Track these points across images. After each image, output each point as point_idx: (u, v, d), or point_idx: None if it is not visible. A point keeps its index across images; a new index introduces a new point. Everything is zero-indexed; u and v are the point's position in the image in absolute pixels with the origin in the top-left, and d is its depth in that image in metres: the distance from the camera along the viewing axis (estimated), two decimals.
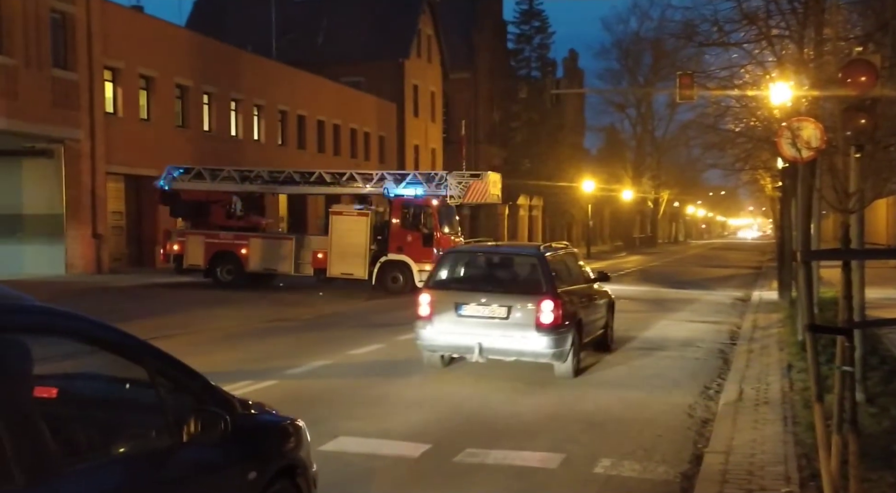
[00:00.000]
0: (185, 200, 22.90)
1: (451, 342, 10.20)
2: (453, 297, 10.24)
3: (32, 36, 23.31)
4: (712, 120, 25.01)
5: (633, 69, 68.97)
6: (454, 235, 22.10)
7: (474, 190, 21.49)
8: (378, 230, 21.33)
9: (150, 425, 3.33)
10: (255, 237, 22.34)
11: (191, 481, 3.40)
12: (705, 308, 19.65)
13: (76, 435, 3.09)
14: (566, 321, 9.96)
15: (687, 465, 6.56)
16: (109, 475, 2.98)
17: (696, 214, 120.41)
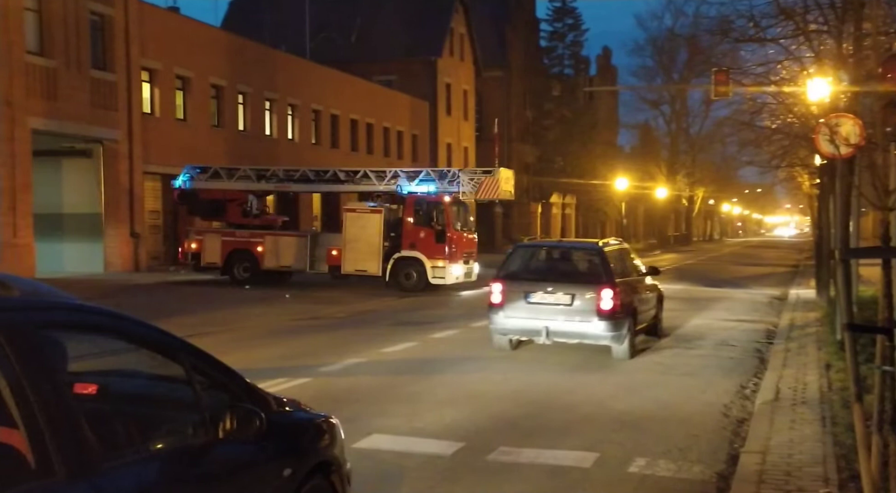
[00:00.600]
0: (202, 199, 23.16)
1: (520, 326, 11.54)
2: (522, 286, 11.54)
3: (72, 38, 23.72)
4: (748, 117, 24.71)
5: (667, 66, 68.35)
6: (467, 232, 22.10)
7: (486, 186, 21.52)
8: (391, 227, 21.41)
9: (186, 421, 3.37)
10: (270, 235, 22.55)
11: (227, 477, 3.43)
12: (741, 307, 19.44)
13: (115, 431, 3.14)
14: (623, 309, 11.21)
15: (723, 465, 6.50)
16: (147, 471, 3.03)
17: (731, 212, 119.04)
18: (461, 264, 21.57)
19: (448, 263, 20.92)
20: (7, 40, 21.50)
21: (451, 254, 20.99)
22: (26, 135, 22.27)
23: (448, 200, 21.07)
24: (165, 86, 28.44)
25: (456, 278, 21.33)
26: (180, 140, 28.51)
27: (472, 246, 22.39)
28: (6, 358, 2.61)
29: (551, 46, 64.13)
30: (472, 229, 22.59)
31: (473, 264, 22.40)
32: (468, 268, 22.04)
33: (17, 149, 21.91)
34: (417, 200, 21.22)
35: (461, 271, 21.58)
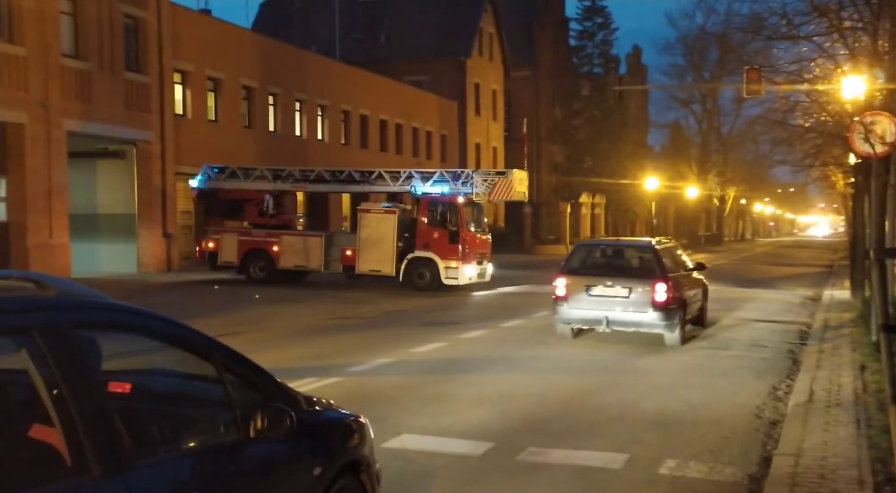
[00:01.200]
0: (220, 199, 23.36)
1: (583, 316, 12.84)
2: (584, 281, 12.87)
3: (106, 41, 24.05)
4: (781, 115, 24.43)
5: (698, 64, 67.72)
6: (481, 233, 22.10)
7: (499, 187, 21.57)
8: (405, 227, 21.50)
9: (218, 420, 3.42)
10: (285, 235, 22.69)
11: (258, 475, 3.44)
12: (773, 307, 19.22)
13: (148, 430, 3.19)
14: (674, 300, 12.45)
15: (755, 467, 6.43)
16: (179, 469, 3.07)
17: (763, 211, 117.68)
18: (474, 265, 21.65)
19: (461, 263, 21.01)
20: (43, 44, 21.86)
21: (464, 255, 21.08)
22: (62, 137, 22.63)
23: (461, 201, 21.16)
24: (197, 87, 28.74)
25: (469, 278, 21.43)
26: (211, 141, 28.79)
27: (485, 247, 22.44)
28: (43, 357, 2.66)
29: (580, 45, 63.84)
30: (485, 230, 22.63)
31: (487, 264, 22.47)
32: (481, 269, 22.12)
33: (52, 150, 22.27)
34: (431, 201, 21.33)
35: (474, 272, 21.67)
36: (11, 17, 21.18)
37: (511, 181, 21.65)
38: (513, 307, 18.31)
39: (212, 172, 23.39)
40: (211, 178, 23.24)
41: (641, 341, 13.21)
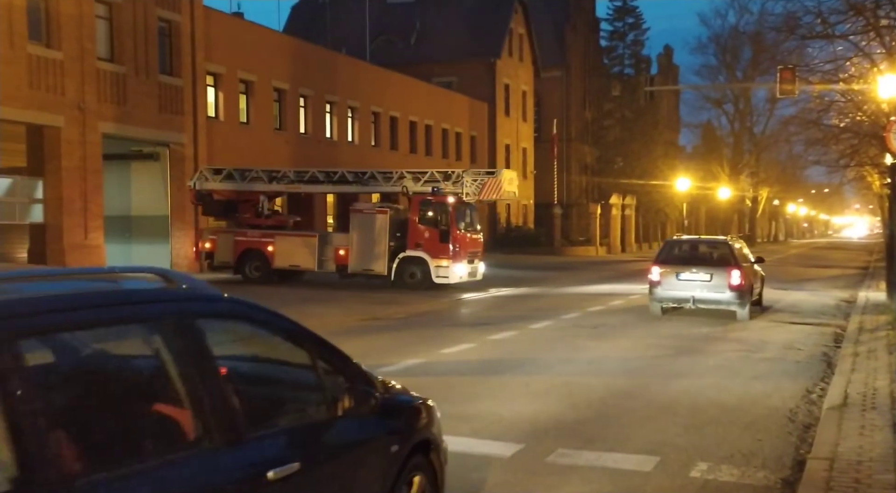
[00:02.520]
0: (216, 200, 23.56)
1: (674, 296, 16.34)
2: (674, 268, 16.30)
3: (141, 45, 24.39)
4: (815, 115, 24.14)
5: (730, 64, 67.12)
6: (472, 232, 22.12)
7: (489, 187, 21.74)
8: (397, 227, 21.62)
9: (311, 400, 3.82)
10: (280, 235, 22.88)
11: (345, 451, 3.84)
12: (807, 309, 18.98)
13: (254, 408, 3.55)
14: (745, 284, 15.92)
15: (788, 471, 6.36)
16: (281, 443, 3.46)
17: (797, 212, 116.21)
18: (465, 264, 21.78)
19: (452, 262, 21.15)
20: (80, 48, 22.23)
21: (454, 254, 21.23)
22: (97, 139, 22.98)
23: (452, 200, 21.28)
24: (229, 90, 29.03)
25: (460, 277, 21.60)
26: (243, 143, 29.06)
27: (476, 246, 22.53)
28: (173, 342, 3.10)
29: (611, 46, 63.53)
30: (477, 230, 22.70)
31: (479, 263, 22.61)
32: (473, 267, 22.25)
33: (88, 153, 22.63)
34: (423, 201, 21.50)
35: (465, 271, 21.80)
36: (49, 22, 21.57)
37: (500, 181, 21.85)
38: (543, 309, 18.28)
39: (209, 174, 23.60)
40: (208, 179, 23.44)
41: (674, 345, 13.13)
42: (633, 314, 17.13)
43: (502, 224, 50.16)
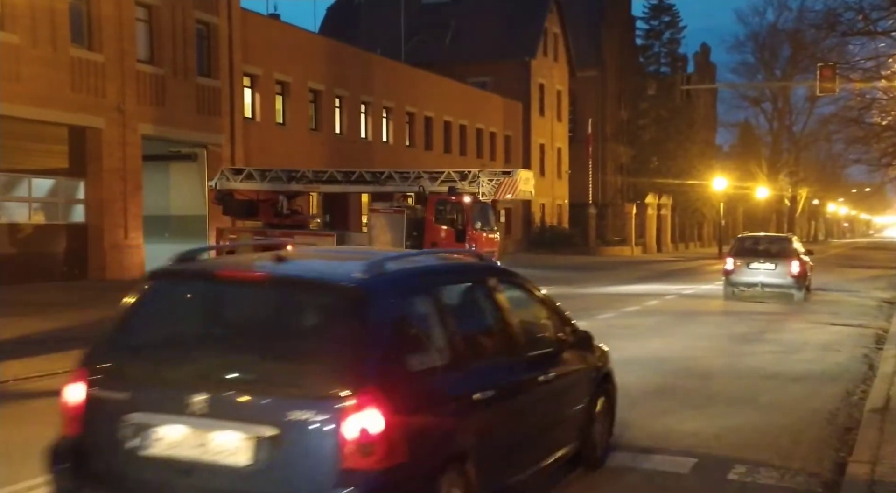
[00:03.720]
0: (237, 200, 23.75)
1: (745, 281, 20.17)
2: (746, 259, 20.29)
3: (179, 47, 24.72)
4: (856, 113, 23.74)
5: (769, 62, 66.19)
6: (488, 232, 22.09)
7: (505, 186, 21.74)
8: (414, 226, 21.64)
9: (552, 337, 5.83)
10: (299, 235, 22.97)
11: (572, 369, 5.93)
12: (848, 310, 18.67)
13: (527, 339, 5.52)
14: (803, 272, 19.93)
15: (828, 474, 6.28)
16: (541, 360, 5.56)
17: (837, 212, 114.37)
18: None
19: None
20: (120, 50, 22.59)
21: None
22: (137, 140, 23.33)
23: (468, 200, 21.31)
24: (266, 91, 29.30)
25: None
26: (279, 144, 29.31)
27: (492, 245, 22.50)
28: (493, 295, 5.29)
29: (647, 45, 63.02)
30: (493, 229, 22.66)
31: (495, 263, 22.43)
32: None
33: (128, 154, 22.98)
34: (439, 201, 21.55)
35: None
36: (91, 26, 21.94)
37: (516, 181, 21.86)
38: (577, 309, 18.15)
39: (230, 174, 23.80)
40: (229, 179, 23.64)
41: (710, 346, 13.01)
42: (669, 315, 16.99)
43: (537, 224, 50.01)
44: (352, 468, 3.78)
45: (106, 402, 4.16)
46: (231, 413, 3.91)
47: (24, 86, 19.88)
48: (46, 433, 7.00)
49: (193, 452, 3.95)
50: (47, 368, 9.92)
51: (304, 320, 4.37)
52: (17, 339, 12.03)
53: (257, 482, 3.85)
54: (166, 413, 4.00)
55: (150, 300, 4.49)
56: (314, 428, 3.78)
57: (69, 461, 4.20)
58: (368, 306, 4.14)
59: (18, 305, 15.85)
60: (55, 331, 12.89)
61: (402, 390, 4.05)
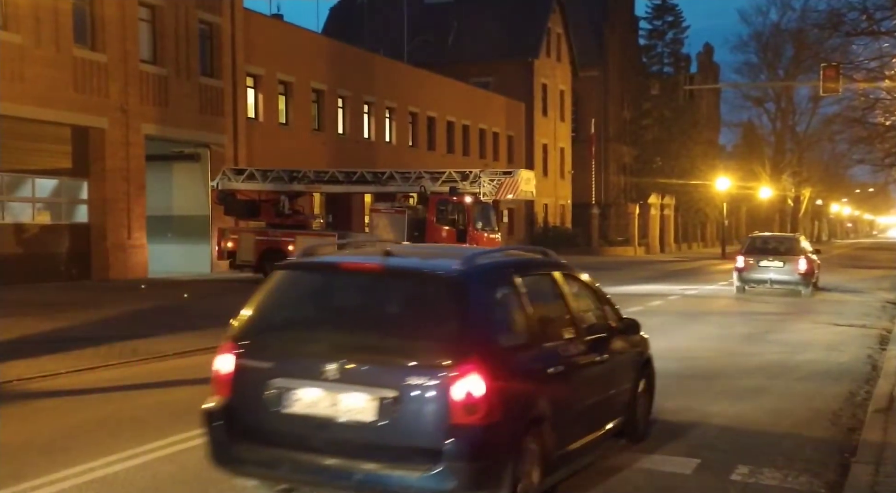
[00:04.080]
0: (239, 200, 23.75)
1: (756, 277, 21.72)
2: (756, 257, 21.74)
3: (182, 47, 24.75)
4: (860, 113, 23.70)
5: (772, 62, 66.00)
6: (490, 232, 22.09)
7: (506, 187, 21.83)
8: (415, 227, 21.67)
9: (606, 322, 6.58)
10: (300, 235, 23.01)
11: (618, 355, 6.61)
12: (851, 311, 18.63)
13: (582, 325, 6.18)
14: (810, 269, 21.39)
15: (832, 475, 6.26)
16: (597, 343, 6.25)
17: (840, 212, 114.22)
18: None
19: None
20: (123, 50, 22.62)
21: None
22: (140, 140, 23.36)
23: (469, 200, 21.34)
24: (269, 91, 29.32)
25: None
26: (282, 144, 29.32)
27: (493, 245, 22.48)
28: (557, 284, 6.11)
29: (650, 45, 62.97)
30: (494, 229, 22.66)
31: None
32: None
33: (131, 154, 23.01)
34: (440, 201, 21.61)
35: None
36: (94, 26, 21.98)
37: (517, 181, 21.93)
38: None
39: (231, 174, 23.81)
40: (231, 179, 23.65)
41: (713, 347, 12.99)
42: (673, 315, 16.96)
43: (540, 224, 49.99)
44: (458, 424, 4.58)
45: (252, 370, 5.02)
46: (358, 379, 4.75)
47: (28, 86, 19.92)
48: (49, 433, 7.03)
49: (327, 410, 4.77)
50: (51, 368, 9.93)
51: (414, 304, 5.19)
52: (20, 339, 12.04)
53: (381, 435, 4.67)
54: (304, 379, 4.85)
55: (282, 287, 5.44)
56: (428, 391, 4.63)
57: (222, 418, 5.02)
58: (468, 292, 5.02)
59: (22, 305, 15.87)
60: (58, 331, 12.90)
61: (497, 361, 4.85)
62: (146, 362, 10.64)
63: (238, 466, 5.07)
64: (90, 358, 10.66)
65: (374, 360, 4.84)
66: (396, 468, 4.63)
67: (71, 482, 5.75)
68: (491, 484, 4.70)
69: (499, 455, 4.74)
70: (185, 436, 6.90)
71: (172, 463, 6.22)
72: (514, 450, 4.84)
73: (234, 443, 4.99)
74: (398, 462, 4.63)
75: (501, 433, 4.72)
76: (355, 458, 4.71)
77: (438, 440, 4.56)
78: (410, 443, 4.64)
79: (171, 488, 5.71)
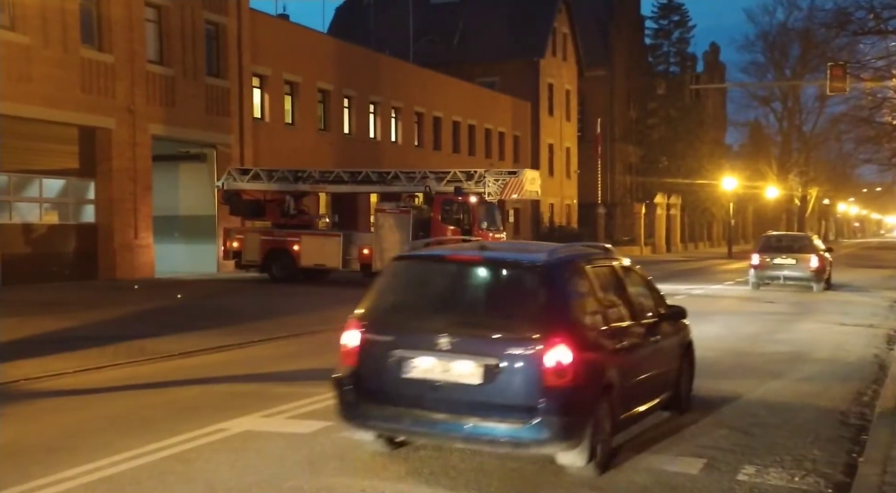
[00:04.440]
0: (244, 200, 23.78)
1: (770, 274, 23.19)
2: (770, 255, 23.30)
3: (189, 47, 24.79)
4: (867, 113, 23.63)
5: (779, 62, 65.78)
6: (495, 232, 22.10)
7: (510, 186, 21.84)
8: (420, 226, 21.68)
9: (654, 310, 7.51)
10: (305, 235, 23.04)
11: (669, 335, 7.65)
12: (858, 311, 18.57)
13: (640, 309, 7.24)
14: (822, 266, 22.88)
15: (840, 475, 6.25)
16: (650, 326, 7.22)
17: (847, 212, 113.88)
18: None
19: None
20: (130, 50, 22.67)
21: None
22: (147, 141, 23.41)
23: (474, 200, 21.34)
24: (275, 91, 29.35)
25: None
26: (288, 144, 29.35)
27: None
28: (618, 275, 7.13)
29: (656, 44, 62.87)
30: (499, 229, 22.67)
31: None
32: None
33: (138, 154, 23.06)
34: (445, 200, 21.61)
35: None
36: (101, 27, 22.04)
37: (522, 181, 21.96)
38: None
39: (237, 174, 23.83)
40: (236, 179, 23.68)
41: (719, 346, 12.96)
42: None
43: (546, 224, 49.94)
44: (550, 386, 5.67)
45: (376, 343, 6.11)
46: (466, 349, 5.82)
47: (35, 86, 19.98)
48: (56, 432, 7.05)
49: (440, 375, 5.85)
50: (58, 367, 9.97)
51: (510, 288, 6.27)
52: (27, 338, 12.09)
53: (485, 395, 5.75)
54: (420, 350, 5.91)
55: (398, 275, 6.61)
56: (525, 359, 5.73)
57: (351, 383, 6.12)
58: (554, 278, 6.19)
59: (29, 304, 15.93)
60: (65, 330, 12.94)
61: (579, 336, 5.92)
62: (153, 362, 10.67)
63: (364, 421, 6.10)
64: (97, 357, 10.70)
65: (479, 334, 5.89)
66: (498, 421, 5.66)
67: (78, 480, 5.77)
68: (576, 436, 5.73)
69: (582, 412, 5.77)
70: (193, 435, 6.92)
71: (180, 462, 6.23)
72: (592, 409, 5.88)
73: (361, 403, 6.05)
74: (499, 417, 5.66)
75: (583, 394, 5.80)
76: (464, 414, 5.72)
77: (534, 399, 5.64)
78: (510, 402, 5.69)
79: (178, 487, 5.72)
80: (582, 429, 5.75)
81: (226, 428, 7.18)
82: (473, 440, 5.79)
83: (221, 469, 6.08)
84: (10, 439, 6.85)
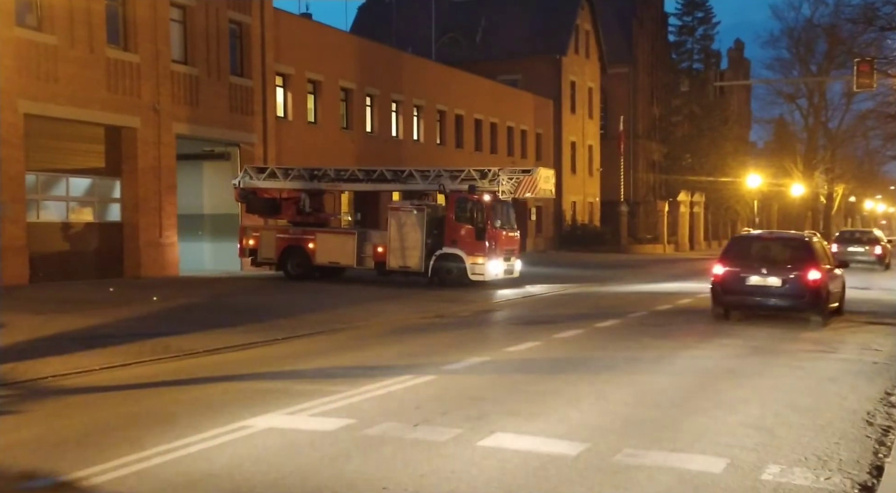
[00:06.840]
0: (260, 198, 23.86)
1: (845, 260, 22.91)
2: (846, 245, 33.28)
3: (213, 47, 24.97)
4: (894, 109, 23.28)
5: (804, 58, 65.20)
6: (509, 230, 22.10)
7: (525, 185, 21.83)
8: (434, 225, 21.70)
9: (832, 263, 16.74)
10: (321, 232, 23.09)
11: (839, 277, 16.82)
12: (885, 309, 18.38)
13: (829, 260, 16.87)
14: (883, 253, 32.10)
15: (866, 475, 6.19)
16: (835, 270, 17.02)
17: (874, 209, 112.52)
18: (501, 261, 21.85)
19: (487, 260, 21.23)
20: (155, 50, 22.87)
21: (490, 251, 21.36)
22: (171, 140, 23.61)
23: (488, 198, 21.35)
24: (298, 90, 29.49)
25: (495, 274, 21.69)
26: (311, 142, 29.48)
27: (512, 243, 22.54)
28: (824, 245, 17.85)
29: (680, 41, 62.51)
30: (513, 227, 22.63)
31: (515, 261, 22.73)
32: (509, 265, 22.34)
33: (162, 153, 23.26)
34: (459, 199, 21.60)
35: (501, 268, 21.89)
36: (126, 27, 22.24)
37: (536, 179, 21.91)
38: (608, 307, 18.11)
39: (253, 173, 23.93)
40: (252, 177, 23.78)
41: (744, 345, 12.87)
42: (702, 313, 16.84)
43: (568, 222, 49.81)
44: (813, 287, 14.74)
45: (731, 271, 15.38)
46: (774, 273, 15.04)
47: (62, 86, 20.21)
48: (83, 428, 7.15)
49: (762, 283, 15.13)
50: (85, 364, 10.09)
51: (791, 250, 15.60)
52: (55, 335, 12.25)
53: (782, 291, 15.00)
54: (753, 274, 15.18)
55: (735, 243, 17.04)
56: (801, 277, 14.83)
57: (719, 287, 15.45)
58: (812, 246, 15.69)
59: (56, 302, 16.13)
60: (92, 328, 13.09)
61: (821, 268, 15.00)
62: (178, 359, 10.77)
63: (723, 305, 15.45)
64: (123, 355, 10.82)
65: (781, 268, 14.91)
66: (789, 300, 14.90)
67: (105, 476, 5.84)
68: (821, 306, 14.74)
69: (824, 297, 14.77)
70: (217, 431, 6.98)
71: (204, 459, 6.30)
72: (826, 297, 14.78)
73: (723, 296, 15.40)
74: (789, 299, 14.90)
75: (823, 291, 14.72)
76: (773, 297, 14.95)
77: (804, 292, 14.72)
78: (794, 294, 14.80)
79: (203, 483, 5.78)
80: (824, 304, 14.58)
81: (250, 425, 7.24)
82: (774, 309, 14.88)
83: (245, 465, 6.13)
84: (39, 434, 6.95)
